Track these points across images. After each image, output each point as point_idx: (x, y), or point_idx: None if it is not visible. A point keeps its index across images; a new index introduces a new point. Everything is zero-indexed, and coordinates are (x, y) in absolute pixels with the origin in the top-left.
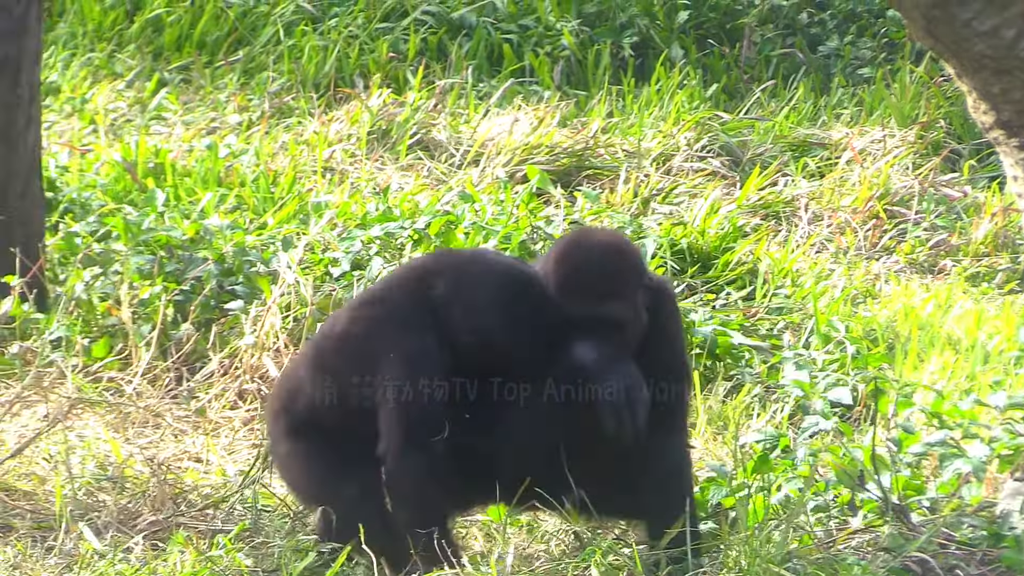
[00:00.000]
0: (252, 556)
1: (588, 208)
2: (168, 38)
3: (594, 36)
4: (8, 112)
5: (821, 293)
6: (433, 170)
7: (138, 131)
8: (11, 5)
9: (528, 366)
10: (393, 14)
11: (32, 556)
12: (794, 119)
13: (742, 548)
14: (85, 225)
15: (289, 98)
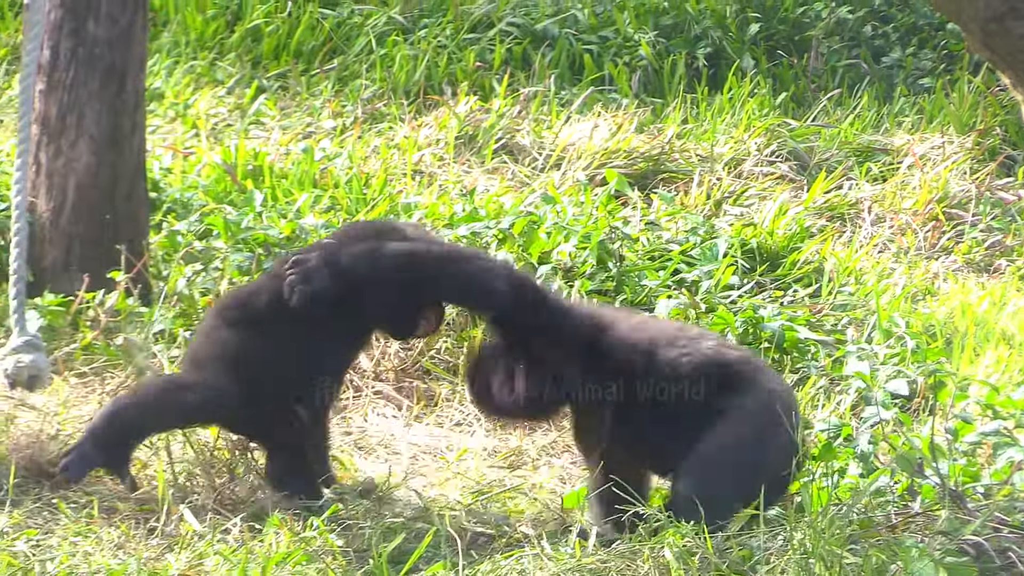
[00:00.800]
0: (343, 537)
1: (663, 210)
2: (266, 47)
3: (670, 47)
4: (115, 117)
5: (883, 291)
6: (517, 173)
7: (238, 135)
8: (117, 15)
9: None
10: (480, 25)
11: (135, 537)
12: (858, 126)
13: (807, 531)
14: (187, 224)
15: (381, 104)
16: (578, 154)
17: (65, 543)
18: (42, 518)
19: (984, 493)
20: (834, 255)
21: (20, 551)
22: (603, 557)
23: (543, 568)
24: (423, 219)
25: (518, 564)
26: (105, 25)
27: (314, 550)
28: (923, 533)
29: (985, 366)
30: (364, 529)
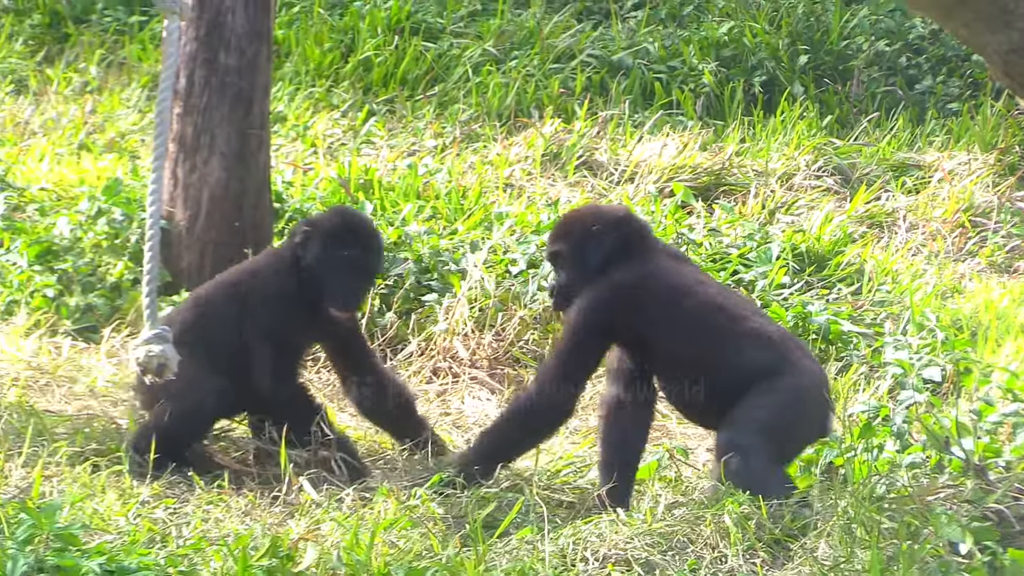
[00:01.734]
0: (443, 505)
1: (724, 218)
2: (376, 76)
3: (730, 75)
4: (243, 137)
5: (916, 289)
6: (595, 186)
7: (351, 153)
8: (245, 47)
9: None
10: (563, 57)
11: (260, 505)
12: (894, 145)
13: (850, 500)
14: None
15: (476, 126)
16: (649, 169)
17: (199, 511)
18: (179, 489)
19: (1005, 467)
20: (873, 258)
21: (159, 518)
22: (670, 522)
23: (618, 532)
24: (513, 227)
25: (596, 528)
26: (234, 56)
27: (418, 517)
28: (951, 502)
29: (1006, 355)
30: (461, 498)
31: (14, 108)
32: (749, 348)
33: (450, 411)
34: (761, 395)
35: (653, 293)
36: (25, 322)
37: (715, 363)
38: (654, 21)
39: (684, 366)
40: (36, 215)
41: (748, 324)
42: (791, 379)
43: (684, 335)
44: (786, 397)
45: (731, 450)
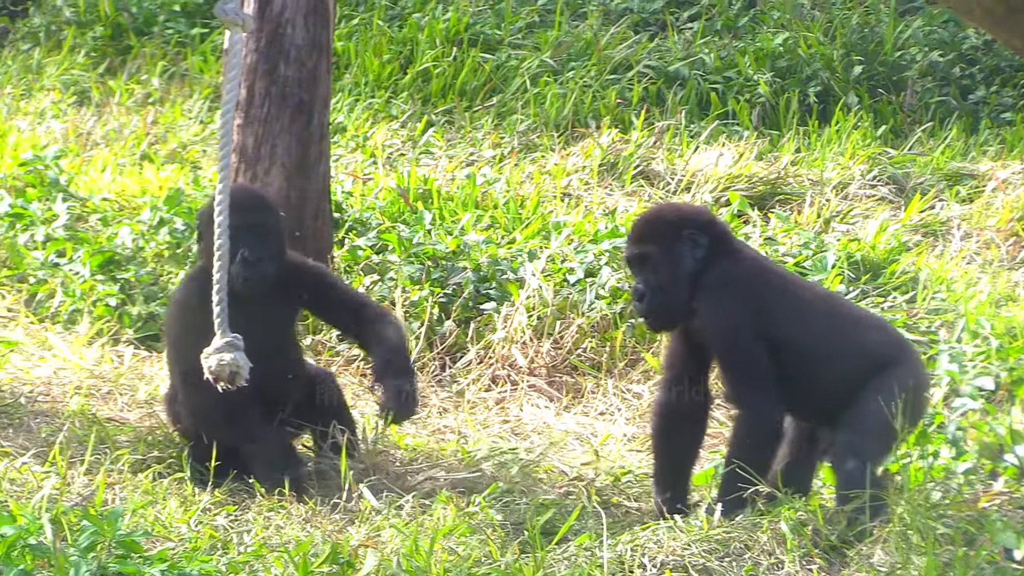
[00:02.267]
0: (502, 512)
1: (779, 227)
2: (435, 87)
3: (785, 86)
4: (303, 147)
5: (970, 297)
6: (652, 195)
7: (410, 163)
8: (305, 58)
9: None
10: (620, 68)
11: (320, 512)
12: (948, 154)
13: (905, 506)
14: (366, 240)
15: (534, 136)
16: (705, 179)
17: (260, 518)
18: (240, 496)
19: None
20: (928, 266)
21: (220, 525)
22: (727, 528)
23: (675, 538)
24: (571, 236)
25: (654, 535)
26: (294, 67)
27: (476, 523)
28: (1005, 508)
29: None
30: (520, 504)
31: (77, 119)
32: (871, 332)
33: (509, 419)
34: (880, 393)
35: (770, 285)
36: (88, 331)
37: (839, 350)
38: (710, 32)
39: (806, 356)
40: (99, 225)
41: (860, 310)
42: (905, 371)
43: (805, 324)
44: (904, 395)
45: (851, 454)
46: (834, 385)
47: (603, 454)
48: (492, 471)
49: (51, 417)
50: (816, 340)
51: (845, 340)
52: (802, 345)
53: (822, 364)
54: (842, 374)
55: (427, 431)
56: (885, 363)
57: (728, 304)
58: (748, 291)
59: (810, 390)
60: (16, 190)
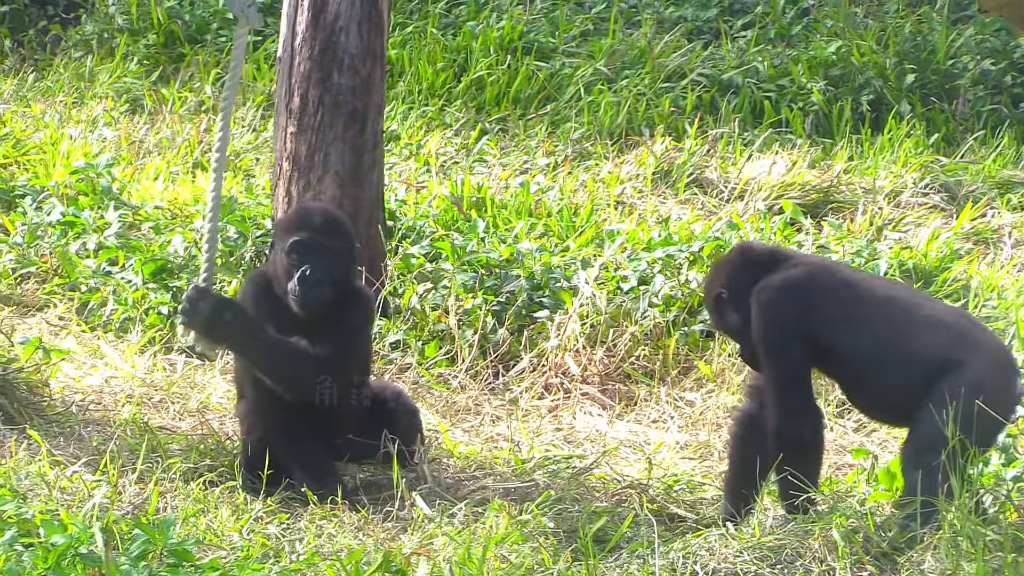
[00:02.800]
0: (555, 520)
1: (832, 235)
2: (489, 95)
3: (838, 94)
4: (357, 155)
5: (1021, 305)
6: (706, 203)
7: (463, 171)
8: (358, 66)
9: None
10: (674, 76)
11: (373, 520)
12: (1000, 162)
13: (956, 514)
14: (419, 248)
15: (588, 144)
16: (758, 187)
17: (312, 526)
18: (292, 505)
19: None
20: (979, 274)
21: (272, 533)
22: (779, 536)
23: (728, 546)
24: (624, 244)
25: (706, 543)
26: (348, 75)
27: (529, 531)
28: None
29: None
30: (572, 512)
31: (129, 127)
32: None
33: (562, 427)
34: (942, 399)
35: (822, 286)
36: (139, 339)
37: (889, 355)
38: (763, 41)
39: (862, 359)
40: (151, 233)
41: (921, 312)
42: (969, 373)
43: (855, 328)
44: (967, 398)
45: (918, 468)
46: (889, 391)
47: (656, 462)
48: (545, 479)
49: (102, 426)
50: (867, 345)
51: (895, 345)
52: (852, 350)
53: (873, 369)
54: (894, 380)
55: (480, 439)
56: (946, 367)
57: (761, 316)
58: (782, 302)
59: (866, 395)
60: (68, 198)
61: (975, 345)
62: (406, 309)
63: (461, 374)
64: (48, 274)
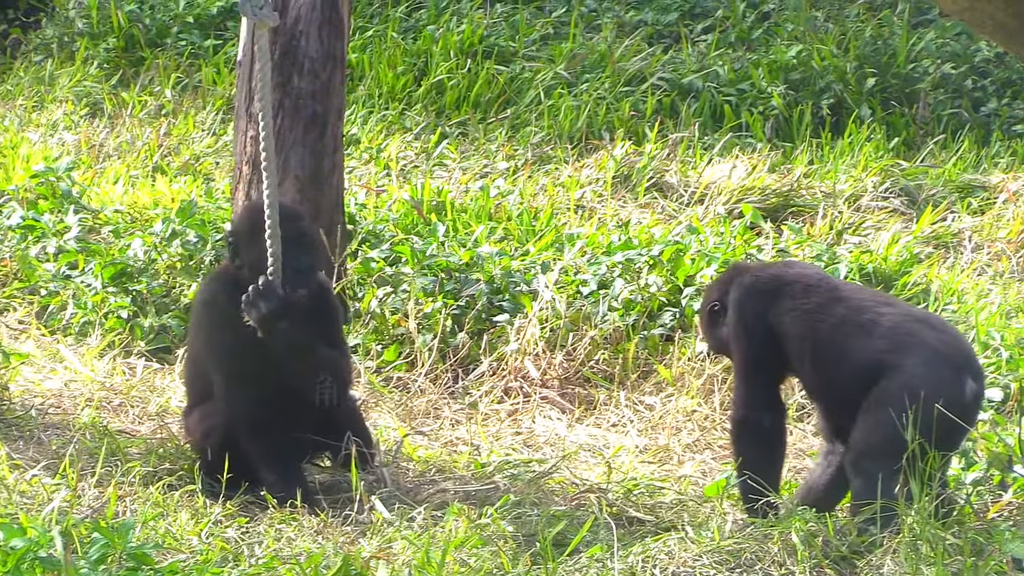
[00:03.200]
0: (514, 524)
1: (792, 239)
2: (449, 99)
3: (798, 98)
4: (317, 159)
5: (981, 308)
6: (666, 207)
7: (423, 175)
8: (319, 71)
9: None
10: (634, 80)
11: (332, 524)
12: (960, 166)
13: (915, 517)
14: (379, 252)
15: (548, 148)
16: (718, 191)
17: (271, 530)
18: (251, 509)
19: None
20: (939, 278)
21: (231, 537)
22: (738, 540)
23: (687, 550)
24: (584, 248)
25: (666, 547)
26: (308, 80)
27: (488, 535)
28: (1014, 518)
29: None
30: (532, 516)
31: (89, 131)
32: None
33: (521, 431)
34: (876, 404)
35: (784, 285)
36: (99, 343)
37: (834, 357)
38: (723, 45)
39: (815, 362)
40: (111, 237)
41: (864, 316)
42: (903, 376)
43: (814, 331)
44: (898, 403)
45: (857, 475)
46: (837, 394)
47: (615, 466)
48: (504, 483)
49: (62, 429)
50: (819, 347)
51: (837, 348)
52: (808, 351)
53: (823, 372)
54: (839, 384)
55: (439, 443)
56: (881, 371)
57: (732, 314)
58: (748, 299)
59: (820, 398)
60: (28, 202)
61: (913, 348)
62: (366, 313)
63: (421, 378)
64: (8, 278)
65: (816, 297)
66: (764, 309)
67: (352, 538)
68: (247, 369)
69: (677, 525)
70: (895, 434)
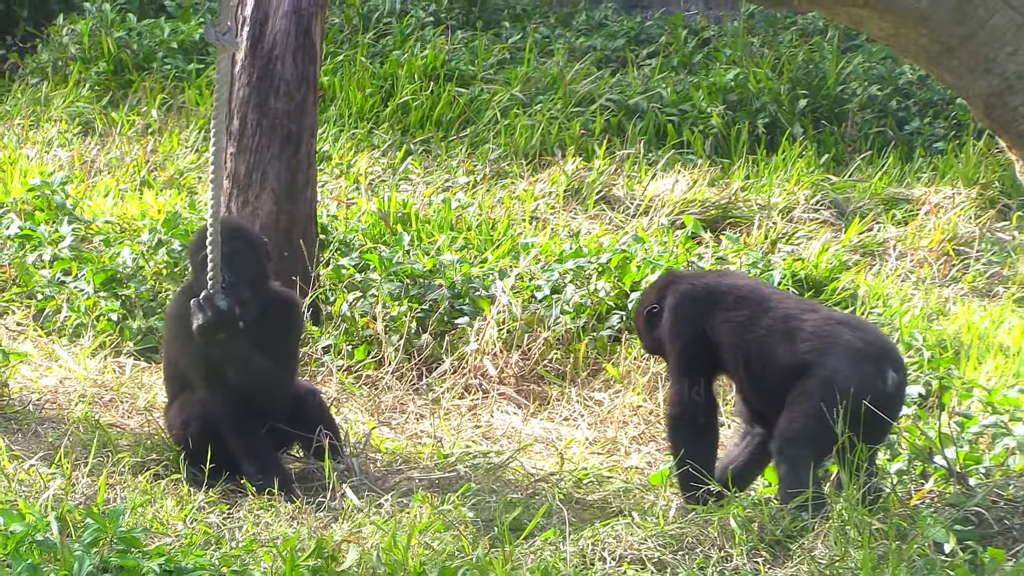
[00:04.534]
0: (474, 510)
1: (730, 248)
2: (413, 118)
3: (736, 118)
4: (292, 174)
5: (904, 312)
6: (613, 219)
7: (390, 189)
8: (293, 92)
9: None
10: (584, 101)
11: (306, 510)
12: (885, 180)
13: (844, 504)
14: (349, 259)
15: (504, 164)
16: (662, 203)
17: (250, 515)
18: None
19: (985, 473)
20: (866, 283)
21: (213, 522)
22: (681, 525)
23: (633, 534)
24: (538, 256)
25: (614, 531)
26: (283, 101)
27: (450, 520)
28: (935, 505)
29: (986, 372)
30: (490, 503)
31: (81, 148)
32: (786, 343)
33: (480, 424)
34: (796, 403)
35: (719, 293)
36: (91, 344)
37: (762, 360)
38: (667, 68)
39: (746, 364)
40: (101, 246)
41: (790, 323)
42: (823, 372)
43: (740, 336)
44: (819, 396)
45: (782, 461)
46: (764, 392)
47: (567, 457)
48: (465, 472)
49: (57, 423)
50: (750, 350)
51: (765, 352)
52: (740, 354)
53: (752, 372)
54: (766, 383)
55: (405, 435)
56: (804, 370)
57: (668, 317)
58: (684, 306)
59: (750, 395)
60: (25, 213)
61: (834, 347)
62: (337, 316)
63: (388, 376)
64: (7, 283)
65: (746, 309)
66: (698, 317)
67: (325, 523)
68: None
69: (624, 511)
70: (817, 423)
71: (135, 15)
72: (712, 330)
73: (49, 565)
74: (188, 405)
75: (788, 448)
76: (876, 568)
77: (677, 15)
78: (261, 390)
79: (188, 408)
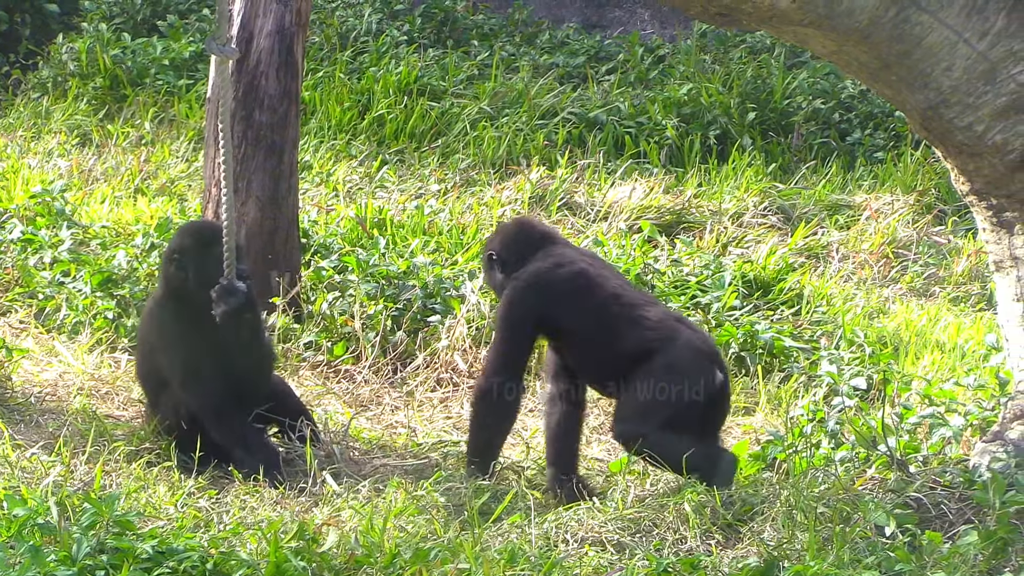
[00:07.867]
0: (446, 495)
1: (684, 251)
2: (388, 130)
3: (689, 129)
4: (275, 182)
5: (847, 311)
6: (575, 224)
7: (367, 196)
8: (276, 106)
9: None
10: (547, 114)
11: (289, 495)
12: (829, 188)
13: (791, 490)
14: (329, 262)
15: (473, 173)
16: (620, 209)
17: (237, 500)
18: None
19: (923, 461)
20: (811, 284)
21: (203, 507)
22: (639, 509)
23: (594, 518)
24: None
25: (576, 515)
26: (267, 114)
27: (423, 505)
28: (877, 491)
29: (923, 366)
30: (461, 489)
31: (79, 158)
32: (631, 330)
33: (451, 415)
34: (639, 376)
35: (563, 279)
36: (89, 340)
37: (606, 342)
38: (624, 84)
39: (586, 344)
40: (98, 249)
41: (635, 311)
42: (662, 358)
43: (585, 316)
44: (659, 376)
45: (629, 439)
46: (605, 371)
47: (532, 446)
48: (437, 460)
49: (57, 414)
50: (590, 333)
51: (609, 335)
52: (580, 335)
53: (594, 353)
54: (608, 364)
55: (381, 425)
56: (645, 354)
57: (505, 298)
58: (524, 293)
59: (589, 372)
60: (27, 219)
61: (676, 338)
62: (317, 314)
63: (365, 370)
64: (10, 284)
65: (595, 297)
66: (542, 302)
67: (306, 507)
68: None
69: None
70: (661, 398)
71: (130, 34)
72: (552, 315)
73: (49, 547)
74: (173, 395)
75: (632, 421)
76: (821, 549)
77: (634, 34)
78: (268, 367)
79: (174, 397)
